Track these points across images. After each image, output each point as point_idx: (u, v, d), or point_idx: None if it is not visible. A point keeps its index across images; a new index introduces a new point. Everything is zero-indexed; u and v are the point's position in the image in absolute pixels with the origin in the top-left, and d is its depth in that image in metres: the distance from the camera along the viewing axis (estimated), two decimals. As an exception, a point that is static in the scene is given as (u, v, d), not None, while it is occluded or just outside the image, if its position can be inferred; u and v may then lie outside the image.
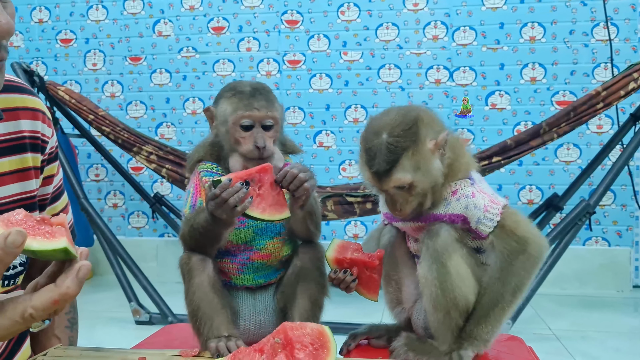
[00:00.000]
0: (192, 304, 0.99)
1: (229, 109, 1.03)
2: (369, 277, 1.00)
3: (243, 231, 1.03)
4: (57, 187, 1.11)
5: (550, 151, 3.48)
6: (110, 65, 3.88)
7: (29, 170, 1.00)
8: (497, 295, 0.93)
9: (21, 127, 0.99)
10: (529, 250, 0.94)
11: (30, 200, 1.00)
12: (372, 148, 0.93)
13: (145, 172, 3.83)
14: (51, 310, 0.65)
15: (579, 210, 2.77)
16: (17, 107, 1.00)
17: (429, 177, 0.93)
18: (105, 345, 1.00)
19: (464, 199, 0.95)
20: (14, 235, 0.61)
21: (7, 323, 0.66)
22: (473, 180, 0.99)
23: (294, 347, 0.75)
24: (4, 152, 0.96)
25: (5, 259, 0.62)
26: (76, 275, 0.65)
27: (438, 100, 3.56)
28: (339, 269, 1.00)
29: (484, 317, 0.93)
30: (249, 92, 1.03)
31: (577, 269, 3.42)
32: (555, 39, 3.46)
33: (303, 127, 3.66)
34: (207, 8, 3.77)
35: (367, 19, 3.62)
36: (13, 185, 0.97)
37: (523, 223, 0.96)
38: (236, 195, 0.91)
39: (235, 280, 1.04)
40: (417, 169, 0.92)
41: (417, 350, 0.96)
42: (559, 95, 3.47)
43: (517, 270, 0.93)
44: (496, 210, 0.95)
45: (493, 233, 0.95)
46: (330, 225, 3.61)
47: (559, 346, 2.54)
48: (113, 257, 3.05)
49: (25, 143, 1.00)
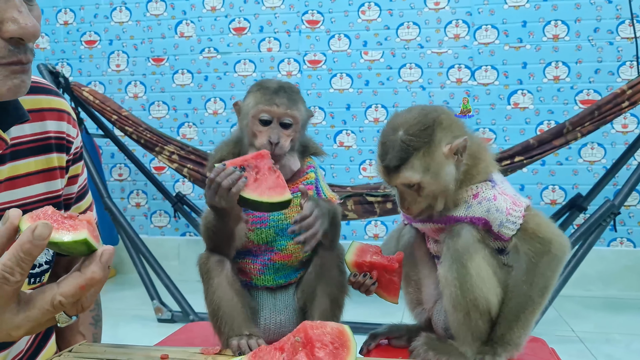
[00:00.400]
0: (212, 303, 1.00)
1: (252, 103, 1.04)
2: (389, 280, 1.00)
3: (264, 231, 1.04)
4: (81, 187, 1.13)
5: (574, 151, 3.44)
6: (133, 66, 3.93)
7: (54, 170, 1.02)
8: (525, 298, 0.93)
9: (47, 128, 1.01)
10: (552, 251, 0.93)
11: (55, 199, 1.02)
12: (386, 143, 0.94)
13: (167, 171, 3.87)
14: (79, 296, 0.67)
15: (604, 211, 2.73)
16: (43, 108, 1.02)
17: (439, 180, 0.93)
18: (128, 342, 1.01)
19: (486, 202, 0.95)
20: (40, 228, 0.64)
21: (37, 313, 0.68)
22: (494, 183, 0.98)
23: (314, 346, 0.75)
24: (31, 153, 0.98)
25: (33, 252, 0.65)
26: (99, 260, 0.67)
27: (459, 99, 3.53)
28: (358, 272, 0.99)
29: (514, 321, 0.93)
30: (273, 88, 1.03)
31: (602, 270, 3.37)
32: (579, 37, 3.41)
33: (323, 127, 3.66)
34: (229, 9, 3.79)
35: (388, 18, 3.61)
36: (39, 184, 0.99)
37: (545, 224, 0.96)
38: (229, 177, 0.91)
39: (256, 280, 1.05)
40: (426, 170, 0.92)
41: (437, 350, 0.95)
42: (583, 94, 3.42)
43: (543, 271, 0.93)
44: (518, 213, 0.94)
45: (516, 236, 0.94)
46: (351, 225, 3.61)
47: (582, 348, 2.50)
48: (136, 256, 3.08)
49: (51, 143, 1.02)
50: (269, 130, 1.01)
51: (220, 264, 1.01)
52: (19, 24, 0.76)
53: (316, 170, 1.10)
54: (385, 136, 0.96)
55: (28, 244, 0.64)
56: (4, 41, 0.77)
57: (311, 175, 1.08)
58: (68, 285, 0.67)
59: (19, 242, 0.65)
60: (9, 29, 0.76)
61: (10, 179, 0.95)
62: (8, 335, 0.70)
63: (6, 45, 0.77)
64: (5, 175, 0.94)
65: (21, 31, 0.77)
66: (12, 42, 0.78)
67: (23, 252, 0.65)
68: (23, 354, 1.01)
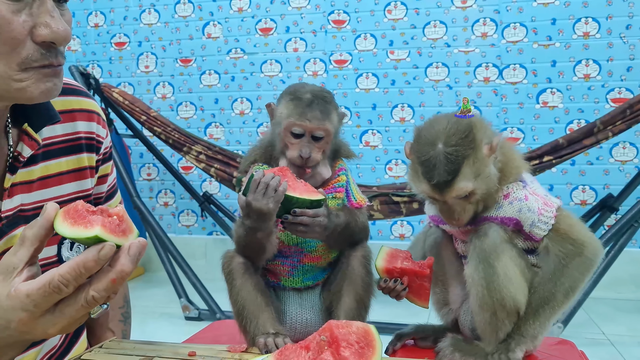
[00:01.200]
0: (237, 303, 1.01)
1: (285, 113, 1.04)
2: (420, 285, 1.00)
3: None
4: (111, 186, 1.15)
5: (605, 150, 3.37)
6: (161, 67, 3.98)
7: (84, 169, 1.05)
8: (548, 294, 0.92)
9: (77, 129, 1.04)
10: (585, 253, 0.92)
11: (86, 198, 1.04)
12: (429, 159, 0.91)
13: (195, 171, 3.92)
14: (111, 290, 0.69)
15: (636, 212, 2.67)
16: (74, 109, 1.04)
17: (488, 183, 0.92)
18: (156, 340, 1.03)
19: (517, 202, 0.94)
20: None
21: (72, 310, 0.70)
22: (525, 183, 0.97)
23: (339, 345, 0.75)
24: (62, 153, 1.01)
25: (94, 270, 0.68)
26: (127, 253, 0.69)
27: (487, 98, 3.50)
28: (389, 278, 0.99)
29: (532, 313, 0.92)
30: (307, 100, 1.03)
31: (634, 273, 3.30)
32: (611, 35, 3.34)
33: (349, 127, 3.66)
34: (255, 10, 3.82)
35: (414, 17, 3.59)
36: (70, 184, 1.02)
37: (577, 226, 0.94)
38: (274, 179, 0.93)
39: (284, 282, 1.05)
40: (477, 176, 0.90)
41: (463, 352, 0.94)
42: (614, 93, 3.35)
43: (572, 272, 0.92)
44: (550, 214, 0.93)
45: (547, 236, 0.93)
46: (377, 225, 3.60)
47: (613, 352, 2.46)
48: (164, 254, 3.13)
49: (81, 144, 1.04)
50: (300, 143, 1.01)
51: (244, 265, 1.02)
52: (51, 28, 0.78)
53: (347, 172, 1.10)
54: (423, 153, 0.92)
55: (92, 262, 0.67)
56: (36, 45, 0.79)
57: (342, 178, 1.08)
58: (100, 280, 0.69)
59: (83, 258, 0.67)
60: (41, 33, 0.78)
61: (42, 178, 0.97)
62: (44, 334, 0.72)
63: (38, 49, 0.79)
64: (38, 175, 0.96)
65: (53, 35, 0.79)
66: (44, 45, 0.80)
67: (85, 268, 0.67)
68: (56, 350, 1.03)
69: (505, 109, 3.49)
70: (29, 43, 0.78)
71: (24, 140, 0.93)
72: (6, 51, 0.77)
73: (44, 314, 0.70)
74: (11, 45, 0.77)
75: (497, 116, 3.49)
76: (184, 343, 1.04)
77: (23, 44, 0.78)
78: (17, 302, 0.69)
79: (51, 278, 0.67)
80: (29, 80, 0.80)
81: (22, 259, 0.70)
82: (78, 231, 0.69)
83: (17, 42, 0.77)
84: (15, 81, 0.79)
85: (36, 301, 0.68)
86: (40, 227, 0.70)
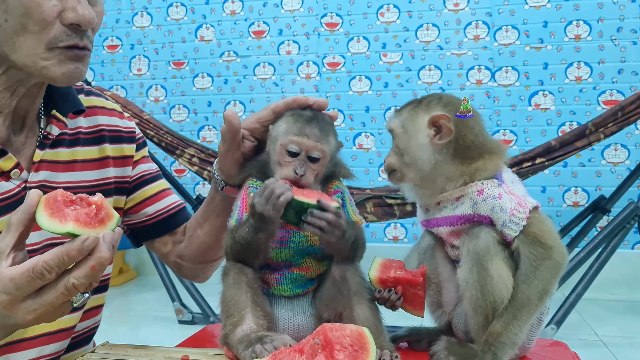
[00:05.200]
0: (225, 299, 1.01)
1: (283, 128, 1.03)
2: (414, 294, 0.99)
3: (283, 251, 1.04)
4: (151, 171, 1.24)
5: (597, 152, 3.39)
6: (154, 70, 3.97)
7: (106, 159, 1.13)
8: (524, 298, 0.92)
9: (99, 122, 1.14)
10: (554, 257, 0.92)
11: (105, 186, 1.12)
12: None
13: (188, 174, 3.91)
14: (91, 277, 0.72)
15: (627, 213, 2.68)
16: (95, 106, 1.15)
17: (410, 143, 0.97)
18: (149, 343, 1.02)
19: (491, 200, 0.93)
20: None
21: (52, 297, 0.73)
22: (501, 181, 0.97)
23: (333, 348, 0.75)
24: (87, 143, 1.10)
25: (76, 259, 0.72)
26: (103, 240, 0.72)
27: (479, 101, 3.51)
28: (383, 288, 0.99)
29: (512, 319, 0.92)
30: (307, 116, 1.03)
31: (626, 274, 3.32)
32: (602, 37, 3.36)
33: (343, 130, 3.66)
34: (248, 12, 3.82)
35: (407, 20, 3.60)
36: (93, 171, 1.10)
37: (548, 231, 0.94)
38: (280, 187, 0.93)
39: (273, 290, 1.05)
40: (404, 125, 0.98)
41: (457, 354, 0.94)
42: (606, 95, 3.37)
43: (544, 274, 0.92)
44: (522, 214, 0.93)
45: (518, 238, 0.93)
46: (370, 227, 3.61)
47: (606, 353, 2.47)
48: (157, 258, 3.11)
49: (103, 135, 1.13)
50: (295, 162, 1.01)
51: (242, 267, 1.01)
52: (77, 12, 0.87)
53: (344, 194, 1.09)
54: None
55: (75, 252, 0.71)
56: (64, 27, 0.87)
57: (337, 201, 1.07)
58: (79, 268, 0.72)
59: (67, 247, 0.71)
60: (68, 16, 0.87)
61: (69, 162, 1.06)
62: (24, 320, 0.75)
63: (65, 30, 0.87)
64: (65, 158, 1.05)
65: (78, 18, 0.87)
66: (71, 28, 0.88)
67: (68, 256, 0.71)
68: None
69: (497, 111, 3.50)
70: (57, 25, 0.87)
71: (53, 122, 1.03)
72: (36, 31, 0.86)
73: (24, 299, 0.73)
74: (41, 25, 0.86)
75: (490, 118, 3.50)
76: (177, 347, 1.04)
77: (52, 25, 0.86)
78: (0, 286, 0.72)
79: (35, 264, 0.71)
80: (53, 60, 0.88)
81: (8, 244, 0.74)
82: (53, 224, 0.72)
83: (46, 24, 0.86)
84: (41, 59, 0.88)
85: (18, 285, 0.71)
86: (23, 213, 0.74)
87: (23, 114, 1.01)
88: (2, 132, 0.98)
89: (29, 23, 0.86)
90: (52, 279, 0.71)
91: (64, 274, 0.72)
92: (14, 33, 0.87)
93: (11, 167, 0.97)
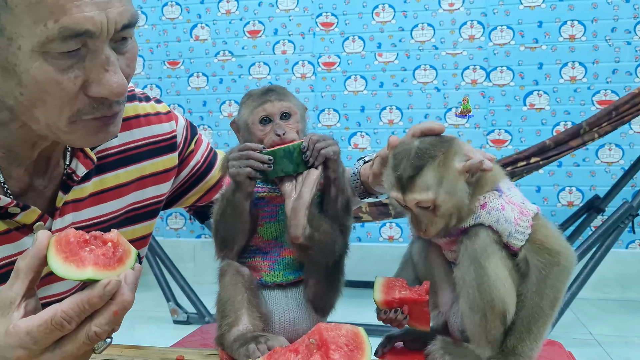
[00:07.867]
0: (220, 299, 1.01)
1: (247, 111, 1.05)
2: (420, 311, 0.99)
3: (273, 225, 1.04)
4: (205, 157, 1.19)
5: (591, 152, 3.40)
6: (149, 70, 3.96)
7: (146, 178, 1.05)
8: (537, 309, 0.92)
9: (134, 137, 1.03)
10: (562, 262, 0.93)
11: (144, 209, 1.05)
12: (401, 152, 0.92)
13: (183, 174, 3.90)
14: (113, 323, 0.67)
15: (622, 213, 2.69)
16: (129, 117, 1.03)
17: (455, 198, 0.91)
18: (144, 344, 1.02)
19: (495, 212, 0.93)
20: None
21: (72, 348, 0.67)
22: (501, 192, 0.97)
23: (329, 348, 0.75)
24: (120, 164, 1.00)
25: (97, 306, 0.66)
26: (125, 282, 0.67)
27: (474, 101, 3.52)
28: (388, 309, 0.99)
29: (526, 332, 0.92)
30: (261, 91, 1.06)
31: (620, 273, 3.33)
32: (596, 37, 3.37)
33: (338, 129, 3.66)
34: (243, 12, 3.81)
35: (402, 20, 3.61)
36: (129, 195, 1.02)
37: (553, 236, 0.95)
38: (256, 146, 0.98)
39: (266, 277, 1.05)
40: (440, 183, 0.89)
41: (453, 354, 0.95)
42: (600, 95, 3.39)
43: (553, 282, 0.92)
44: (526, 223, 0.93)
45: (525, 247, 0.93)
46: (366, 227, 3.61)
47: (600, 352, 2.48)
48: (152, 258, 3.11)
49: (140, 152, 1.04)
50: (272, 127, 1.03)
51: (238, 267, 1.01)
52: (103, 85, 0.75)
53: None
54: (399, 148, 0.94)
55: (97, 299, 0.65)
56: (88, 98, 0.77)
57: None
58: (102, 314, 0.67)
59: (87, 294, 0.65)
60: (93, 91, 0.76)
61: (95, 194, 0.96)
62: None
63: (91, 102, 0.77)
64: (90, 191, 0.95)
65: (105, 93, 0.76)
66: (96, 100, 0.77)
67: (89, 304, 0.65)
68: None
69: (492, 111, 3.51)
70: (82, 97, 0.76)
71: (79, 157, 0.92)
72: (57, 105, 0.75)
73: (43, 352, 0.67)
74: (62, 100, 0.75)
75: (485, 118, 3.51)
76: (172, 347, 1.04)
77: (75, 98, 0.76)
78: (15, 340, 0.66)
79: (53, 314, 0.65)
80: (77, 133, 0.79)
81: (19, 292, 0.67)
82: (70, 271, 0.66)
83: (69, 99, 0.75)
84: (64, 132, 0.79)
85: (36, 338, 0.65)
86: (33, 258, 0.68)
87: (46, 156, 0.90)
88: (24, 181, 0.88)
89: (48, 98, 0.74)
90: (72, 329, 0.66)
91: (85, 322, 0.67)
92: (32, 106, 0.76)
93: (34, 220, 0.88)
